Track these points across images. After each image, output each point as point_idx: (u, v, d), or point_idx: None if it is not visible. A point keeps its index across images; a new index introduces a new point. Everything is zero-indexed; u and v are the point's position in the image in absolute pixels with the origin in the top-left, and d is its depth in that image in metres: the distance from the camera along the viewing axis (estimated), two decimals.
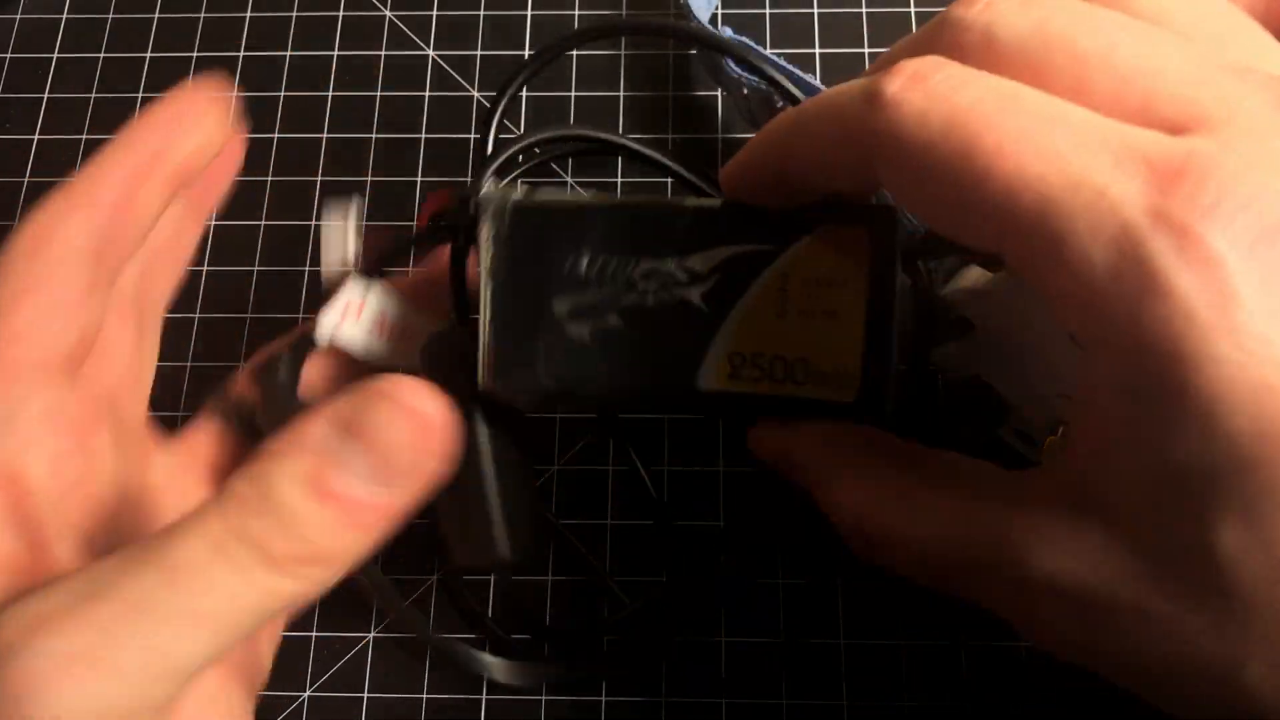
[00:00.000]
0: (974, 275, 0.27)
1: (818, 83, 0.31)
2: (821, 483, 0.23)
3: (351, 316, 0.28)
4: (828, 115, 0.20)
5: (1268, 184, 0.16)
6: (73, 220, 0.24)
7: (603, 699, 0.31)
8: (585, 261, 0.24)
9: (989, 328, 0.27)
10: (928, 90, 0.18)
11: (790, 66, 0.32)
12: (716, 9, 0.39)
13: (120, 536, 0.22)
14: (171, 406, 0.34)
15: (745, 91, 0.33)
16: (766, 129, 0.23)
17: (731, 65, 0.33)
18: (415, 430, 0.18)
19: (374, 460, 0.18)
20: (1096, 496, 0.18)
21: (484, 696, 0.31)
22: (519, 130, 0.38)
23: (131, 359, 0.26)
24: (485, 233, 0.25)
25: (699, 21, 0.35)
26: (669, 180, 0.36)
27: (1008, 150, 0.17)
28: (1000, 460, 0.21)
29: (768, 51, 0.34)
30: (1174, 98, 0.17)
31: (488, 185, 0.26)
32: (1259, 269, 0.15)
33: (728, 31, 0.33)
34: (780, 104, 0.32)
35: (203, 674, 0.18)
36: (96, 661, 0.17)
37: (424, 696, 0.31)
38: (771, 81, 0.30)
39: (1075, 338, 0.18)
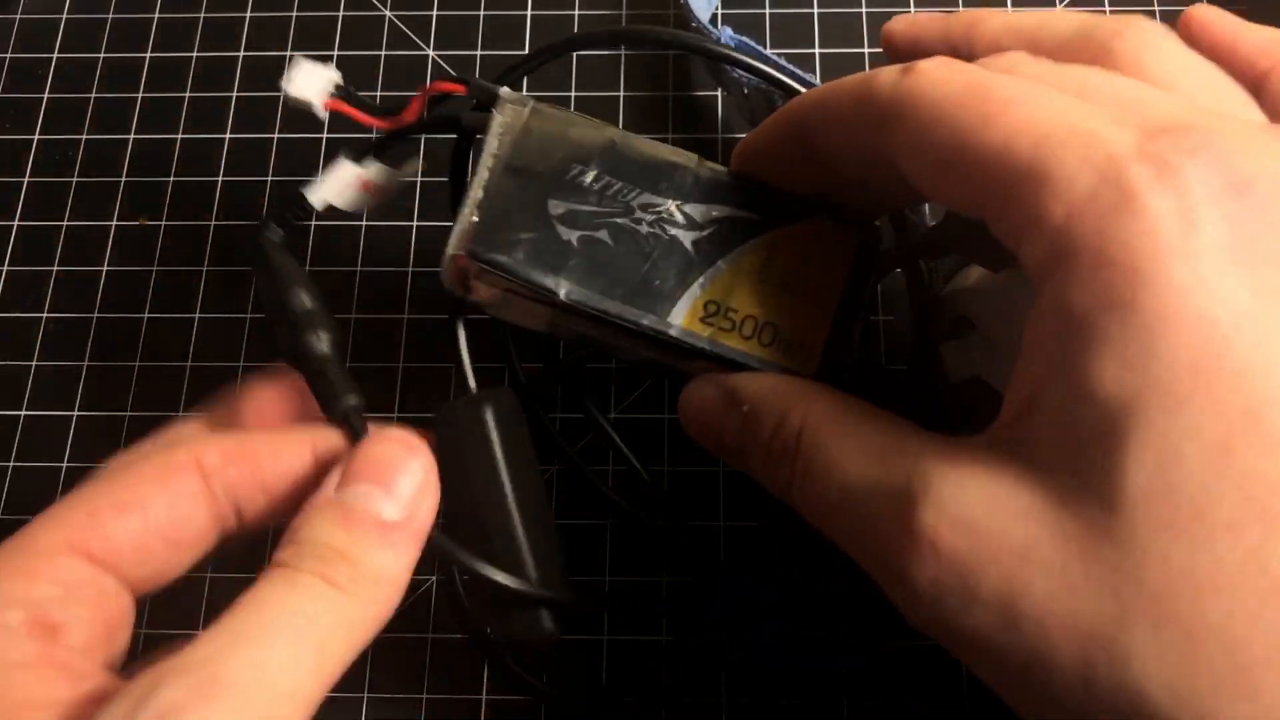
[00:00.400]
0: (975, 275, 0.27)
1: (818, 82, 0.31)
2: (762, 425, 0.23)
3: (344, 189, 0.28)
4: (852, 88, 0.21)
5: (1249, 149, 0.17)
6: (225, 471, 0.23)
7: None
8: (590, 176, 0.25)
9: (989, 328, 0.27)
10: (954, 66, 0.20)
11: (791, 66, 0.32)
12: (717, 9, 0.39)
13: None
14: (27, 357, 0.35)
15: (746, 91, 0.33)
16: (787, 106, 0.24)
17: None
18: (405, 457, 0.22)
19: (384, 490, 0.21)
20: (1021, 437, 0.18)
21: (484, 696, 0.31)
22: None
23: None
24: (496, 124, 0.26)
25: (699, 21, 0.35)
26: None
27: (1016, 102, 0.18)
28: None
29: (768, 51, 0.34)
30: (1166, 113, 0.18)
31: (504, 90, 0.27)
32: (1226, 210, 0.16)
33: (727, 31, 0.33)
34: (780, 103, 0.32)
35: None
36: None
37: (424, 697, 0.31)
38: (773, 81, 0.30)
39: (1033, 279, 0.18)
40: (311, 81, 0.29)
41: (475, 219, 0.25)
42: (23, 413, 0.35)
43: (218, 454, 0.23)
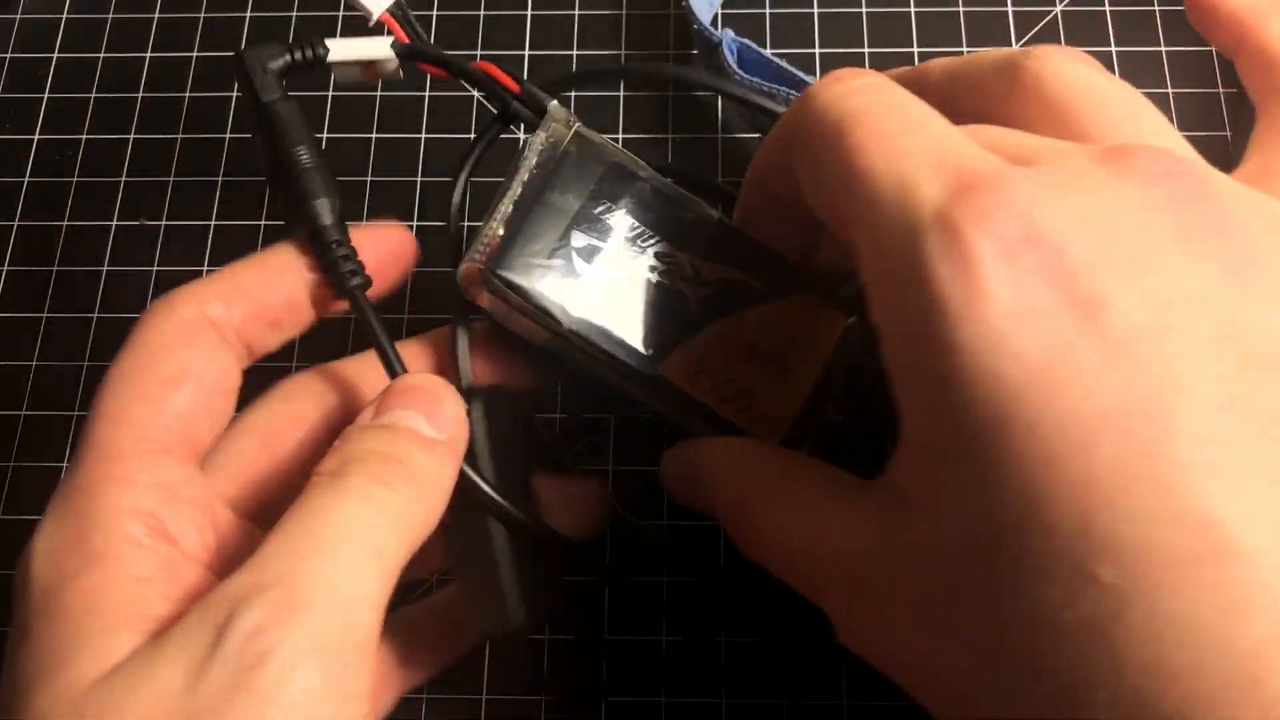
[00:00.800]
0: None
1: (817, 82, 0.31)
2: (717, 486, 0.25)
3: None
4: (778, 124, 0.23)
5: (1045, 202, 0.17)
6: (232, 315, 0.24)
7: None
8: (616, 216, 0.26)
9: None
10: (838, 90, 0.20)
11: (794, 69, 0.32)
12: (718, 10, 0.39)
13: None
14: (27, 357, 0.34)
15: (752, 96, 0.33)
16: (750, 164, 0.25)
17: (733, 67, 0.33)
18: (443, 387, 0.23)
19: (423, 412, 0.22)
20: (890, 477, 0.20)
21: (484, 696, 0.31)
22: (518, 129, 0.38)
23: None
24: (539, 138, 0.27)
25: (700, 23, 0.35)
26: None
27: (866, 148, 0.19)
28: None
29: (767, 52, 0.34)
30: (1029, 138, 0.20)
31: (553, 104, 0.27)
32: (1014, 271, 0.17)
33: (729, 34, 0.33)
34: (782, 107, 0.32)
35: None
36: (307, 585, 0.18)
37: (424, 697, 0.31)
38: (775, 83, 0.30)
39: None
40: None
41: (500, 233, 0.26)
42: (23, 413, 0.35)
43: (218, 301, 0.24)
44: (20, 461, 0.34)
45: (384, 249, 0.26)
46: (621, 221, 0.26)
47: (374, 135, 0.38)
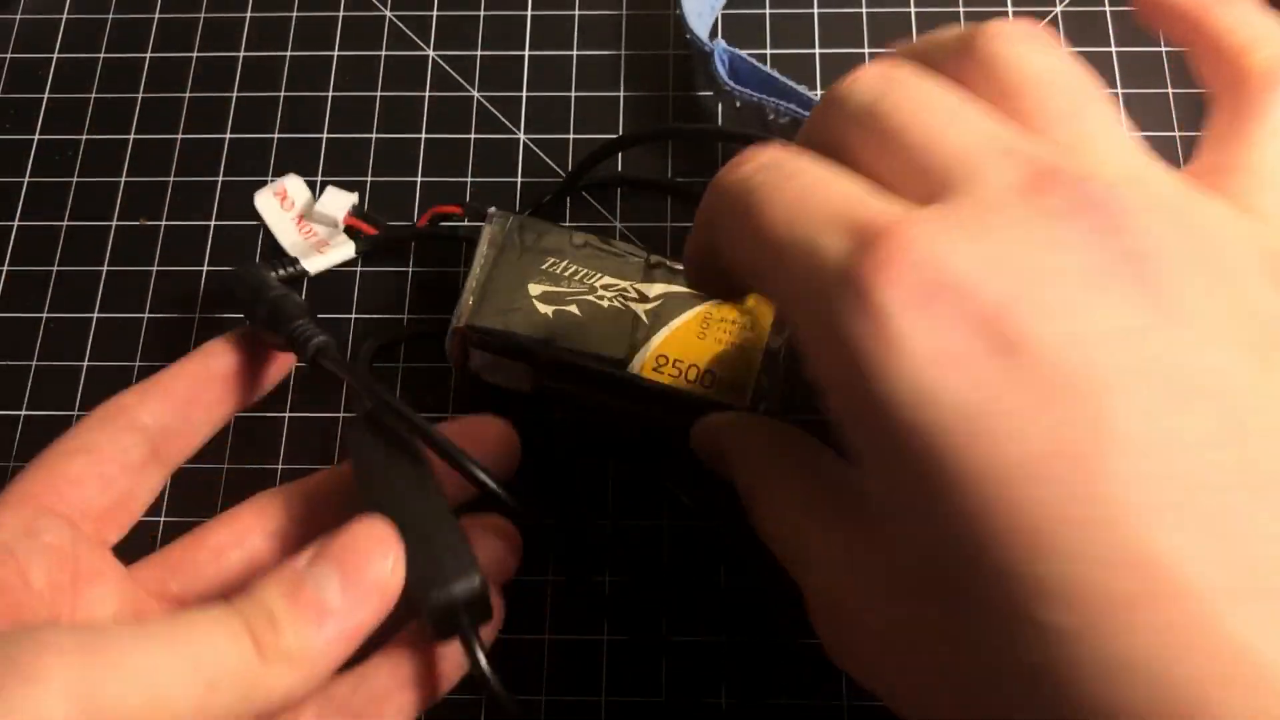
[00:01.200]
0: None
1: (808, 92, 0.31)
2: (732, 464, 0.25)
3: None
4: (699, 211, 0.23)
5: (951, 245, 0.17)
6: (145, 405, 0.28)
7: (602, 699, 0.31)
8: (562, 265, 0.32)
9: None
10: (739, 173, 0.21)
11: (785, 79, 0.32)
12: (718, 17, 0.39)
13: None
14: (27, 357, 0.35)
15: (738, 104, 0.33)
16: (685, 246, 0.25)
17: (724, 78, 0.33)
18: (379, 552, 0.23)
19: (341, 578, 0.23)
20: (860, 495, 0.20)
21: (484, 696, 0.31)
22: (518, 129, 0.38)
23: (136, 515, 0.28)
24: (486, 233, 0.33)
25: (693, 33, 0.35)
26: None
27: (771, 221, 0.19)
28: None
29: (766, 66, 0.34)
30: (934, 170, 0.19)
31: (492, 209, 0.33)
32: (927, 319, 0.17)
33: (721, 44, 0.33)
34: (771, 116, 0.32)
35: None
36: (99, 677, 0.19)
37: None
38: (765, 94, 0.31)
39: None
40: (335, 203, 0.36)
41: (471, 301, 0.31)
42: (23, 413, 0.35)
43: (131, 395, 0.28)
44: (20, 461, 0.34)
45: (489, 441, 0.29)
46: (568, 269, 0.32)
47: (374, 135, 0.38)
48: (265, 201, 0.37)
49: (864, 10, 0.39)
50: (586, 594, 0.32)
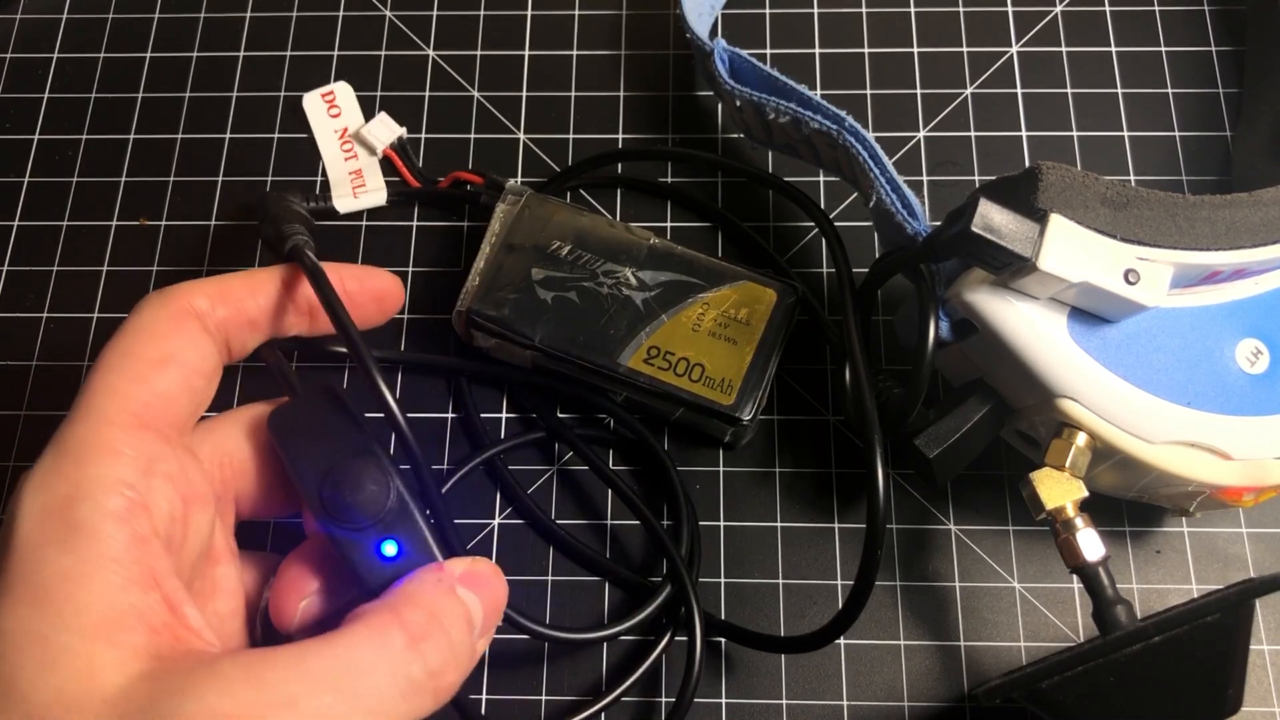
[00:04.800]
0: (976, 279, 0.27)
1: (808, 91, 0.31)
2: None
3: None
4: None
5: None
6: (215, 311, 0.26)
7: (602, 699, 0.31)
8: (565, 250, 0.33)
9: (989, 331, 0.27)
10: None
11: (785, 77, 0.31)
12: (718, 18, 0.39)
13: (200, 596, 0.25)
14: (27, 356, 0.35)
15: (738, 103, 0.33)
16: None
17: (724, 77, 0.33)
18: (504, 594, 0.25)
19: (486, 613, 0.24)
20: None
21: (483, 696, 0.31)
22: (518, 129, 0.38)
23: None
24: (499, 210, 0.34)
25: (693, 32, 0.34)
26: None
27: None
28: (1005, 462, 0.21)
29: (766, 66, 0.34)
30: None
31: (510, 183, 0.35)
32: None
33: (721, 43, 0.33)
34: (772, 115, 0.32)
35: None
36: None
37: None
38: (765, 92, 0.31)
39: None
40: (383, 131, 0.37)
41: (476, 282, 0.33)
42: (23, 413, 0.35)
43: (204, 298, 0.25)
44: (20, 461, 0.34)
45: (370, 286, 0.28)
46: (571, 253, 0.33)
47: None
48: (314, 104, 0.38)
49: (864, 10, 0.39)
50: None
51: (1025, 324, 0.27)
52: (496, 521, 0.33)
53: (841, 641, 0.31)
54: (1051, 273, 0.25)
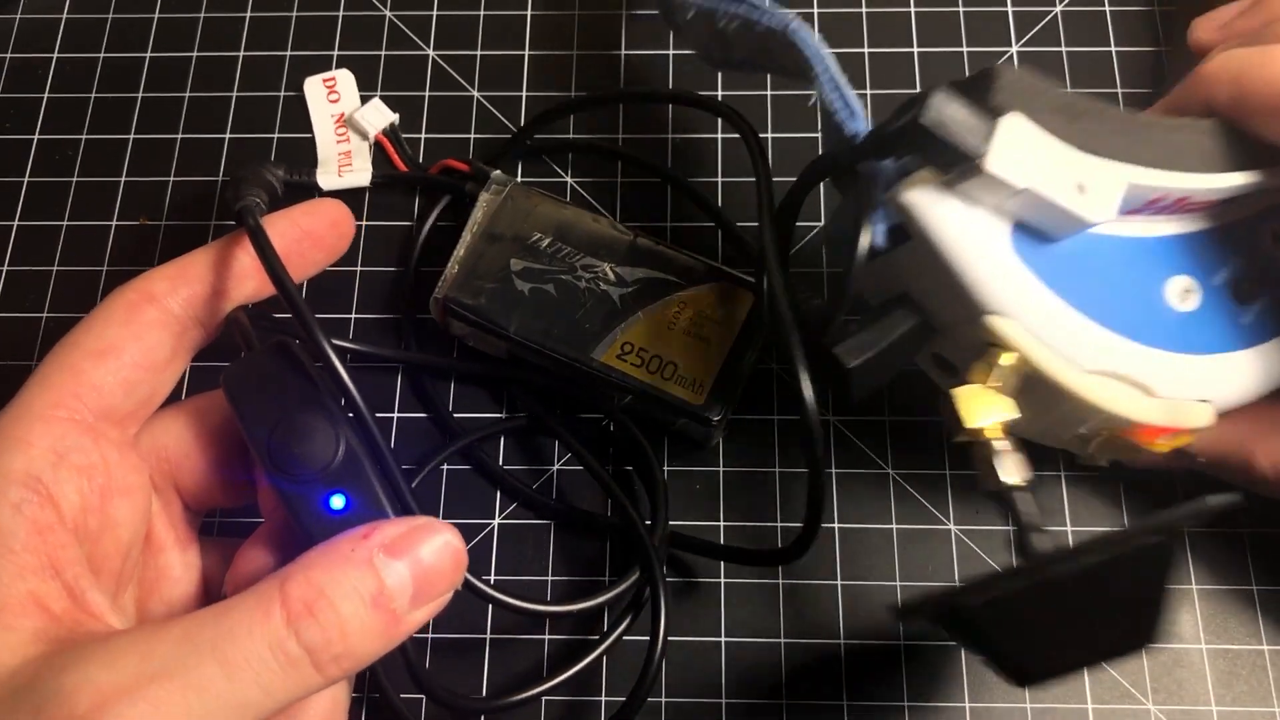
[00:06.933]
0: (918, 180, 0.25)
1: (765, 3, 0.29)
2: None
3: None
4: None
5: None
6: (176, 292, 0.26)
7: (602, 699, 0.31)
8: (546, 242, 0.33)
9: (926, 237, 0.25)
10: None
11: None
12: None
13: (129, 587, 0.25)
14: (27, 356, 0.36)
15: (690, 14, 0.31)
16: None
17: None
18: (454, 562, 0.23)
19: (417, 585, 0.22)
20: None
21: (483, 697, 0.31)
22: (519, 127, 0.38)
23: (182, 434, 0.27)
24: (483, 199, 0.34)
25: None
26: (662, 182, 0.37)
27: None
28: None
29: None
30: None
31: (495, 173, 0.35)
32: None
33: None
34: (722, 23, 0.30)
35: None
36: None
37: (424, 697, 0.31)
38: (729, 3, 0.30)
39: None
40: (376, 116, 0.37)
41: (456, 269, 0.33)
42: None
43: (163, 281, 0.25)
44: None
45: (323, 216, 0.28)
46: (551, 245, 0.33)
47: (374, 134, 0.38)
48: (314, 88, 0.38)
49: (864, 10, 0.39)
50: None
51: (967, 232, 0.25)
52: (496, 522, 0.33)
53: (842, 641, 0.31)
54: (998, 175, 0.24)
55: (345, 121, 0.38)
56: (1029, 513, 0.24)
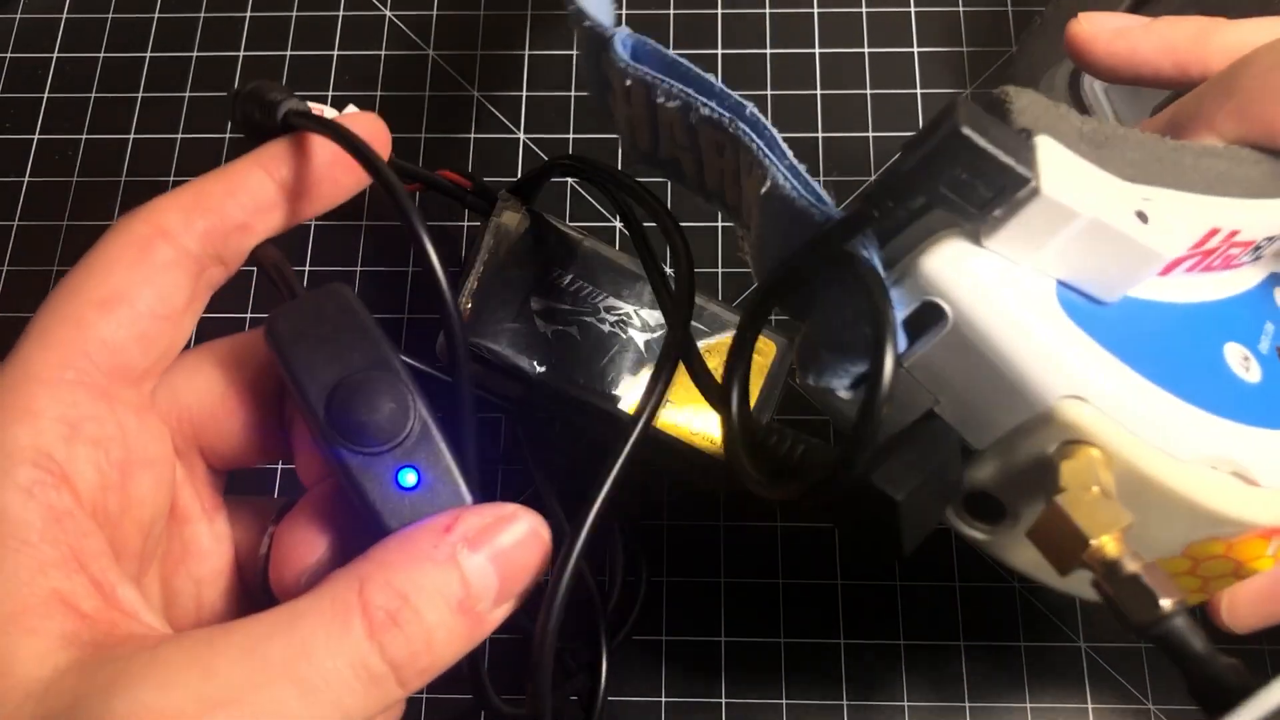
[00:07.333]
0: (940, 242, 0.20)
1: (712, 80, 0.23)
2: None
3: None
4: None
5: None
6: (192, 225, 0.22)
7: (601, 697, 0.31)
8: (567, 279, 0.30)
9: (967, 316, 0.19)
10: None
11: (692, 66, 0.24)
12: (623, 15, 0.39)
13: (152, 565, 0.22)
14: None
15: (628, 83, 0.25)
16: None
17: (622, 55, 0.25)
18: (541, 554, 0.20)
19: (502, 581, 0.20)
20: None
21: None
22: (518, 129, 0.38)
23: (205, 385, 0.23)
24: (492, 225, 0.30)
25: (591, 19, 0.26)
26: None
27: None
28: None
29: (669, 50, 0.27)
30: None
31: (503, 192, 0.31)
32: None
33: (624, 32, 0.26)
34: (661, 99, 0.24)
35: None
36: None
37: (424, 697, 0.31)
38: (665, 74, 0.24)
39: None
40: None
41: (469, 306, 0.30)
42: None
43: (176, 212, 0.22)
44: None
45: (361, 128, 0.23)
46: (573, 283, 0.30)
47: None
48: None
49: (863, 10, 0.39)
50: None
51: (1015, 297, 0.19)
52: None
53: (841, 641, 0.31)
54: (1059, 200, 0.18)
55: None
56: (1202, 643, 0.17)
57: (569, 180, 0.37)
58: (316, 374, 0.21)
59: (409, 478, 0.20)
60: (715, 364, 0.28)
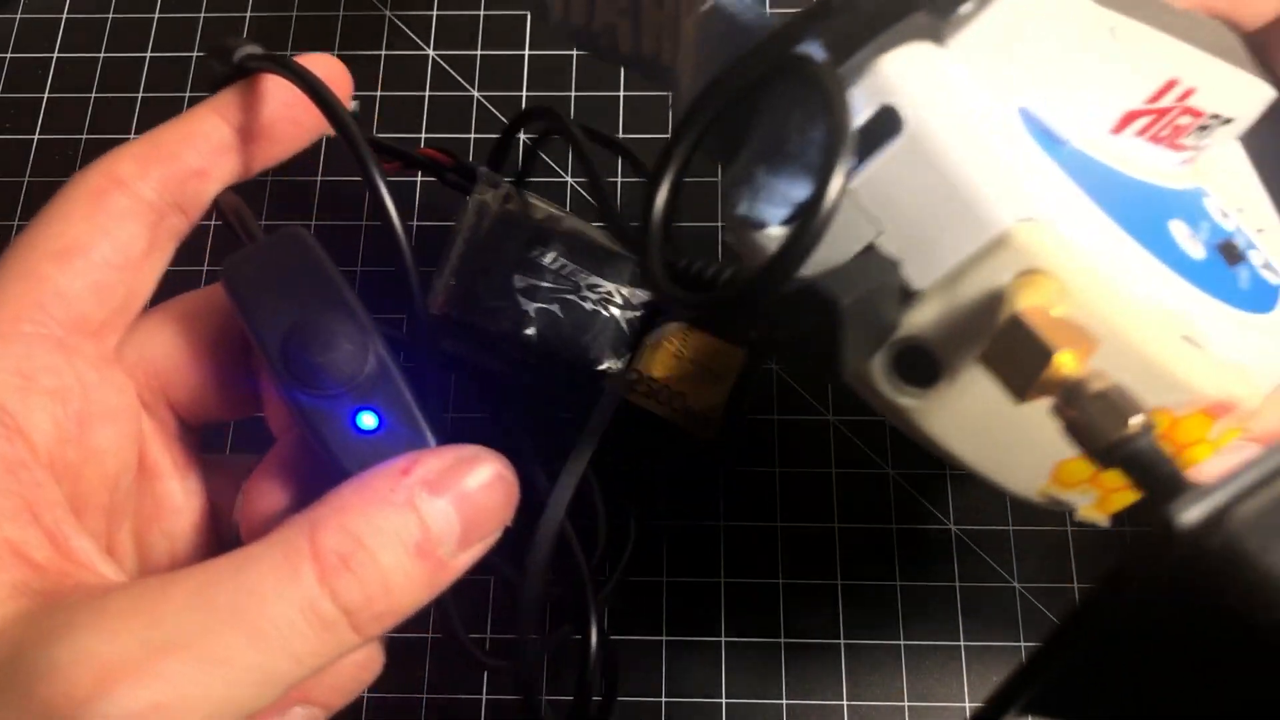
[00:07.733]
0: (913, 47, 0.18)
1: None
2: None
3: None
4: None
5: None
6: (148, 174, 0.21)
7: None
8: (549, 257, 0.31)
9: (925, 125, 0.18)
10: None
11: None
12: None
13: (124, 521, 0.22)
14: None
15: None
16: None
17: None
18: (506, 496, 0.19)
19: (465, 525, 0.19)
20: None
21: (484, 696, 0.31)
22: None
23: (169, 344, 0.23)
24: (473, 202, 0.31)
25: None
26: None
27: None
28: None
29: None
30: None
31: (482, 169, 0.32)
32: None
33: None
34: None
35: None
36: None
37: (424, 696, 0.31)
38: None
39: None
40: None
41: (453, 282, 0.30)
42: None
43: (131, 162, 0.21)
44: None
45: (319, 69, 0.23)
46: (555, 261, 0.31)
47: (374, 135, 0.38)
48: None
49: None
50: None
51: (977, 109, 0.18)
52: None
53: (842, 642, 0.32)
54: None
55: None
56: (1168, 463, 0.15)
57: (520, 136, 0.36)
58: (272, 317, 0.20)
59: (368, 420, 0.20)
60: (695, 341, 0.30)
